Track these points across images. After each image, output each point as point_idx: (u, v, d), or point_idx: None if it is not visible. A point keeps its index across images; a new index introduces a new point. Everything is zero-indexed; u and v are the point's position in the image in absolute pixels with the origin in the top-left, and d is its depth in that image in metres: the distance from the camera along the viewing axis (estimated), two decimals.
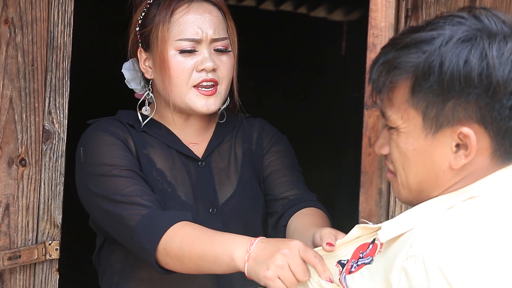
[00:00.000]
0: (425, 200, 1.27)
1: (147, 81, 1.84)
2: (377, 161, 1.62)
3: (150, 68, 1.79)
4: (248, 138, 1.90)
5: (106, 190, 1.68)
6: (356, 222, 1.55)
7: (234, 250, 1.46)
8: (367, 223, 1.38)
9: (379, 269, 1.22)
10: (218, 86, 1.75)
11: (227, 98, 1.81)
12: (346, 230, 1.42)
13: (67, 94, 1.92)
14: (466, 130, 1.20)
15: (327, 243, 1.39)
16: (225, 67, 1.75)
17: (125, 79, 1.88)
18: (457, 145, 1.22)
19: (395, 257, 1.18)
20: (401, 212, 1.70)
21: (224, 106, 1.82)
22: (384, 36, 1.59)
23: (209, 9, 1.75)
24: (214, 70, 1.73)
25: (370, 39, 1.59)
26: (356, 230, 1.36)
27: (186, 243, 1.54)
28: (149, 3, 1.80)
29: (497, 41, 1.18)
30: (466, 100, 1.18)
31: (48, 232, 1.91)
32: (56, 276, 1.92)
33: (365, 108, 1.58)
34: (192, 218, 1.62)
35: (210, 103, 1.74)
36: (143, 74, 1.83)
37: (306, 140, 4.80)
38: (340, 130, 4.86)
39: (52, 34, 1.89)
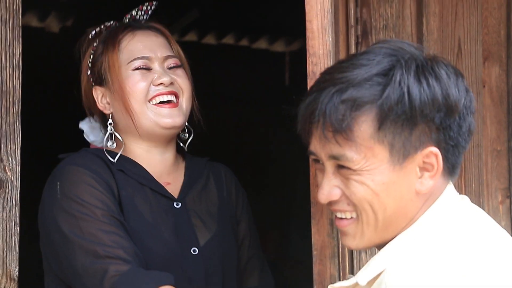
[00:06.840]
0: (390, 235, 1.25)
1: (105, 119, 1.81)
2: None
3: (108, 103, 1.79)
4: (220, 185, 1.88)
5: (85, 236, 1.59)
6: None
7: None
8: (341, 283, 1.33)
9: None
10: (179, 99, 1.75)
11: (188, 115, 1.80)
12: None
13: (19, 139, 1.84)
14: (434, 149, 1.22)
15: None
16: (182, 79, 1.78)
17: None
18: (420, 169, 1.23)
19: None
20: None
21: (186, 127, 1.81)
22: (323, 63, 1.60)
23: (154, 34, 1.81)
24: (172, 84, 1.75)
25: (309, 67, 1.60)
26: None
27: None
28: (95, 46, 1.82)
29: (440, 66, 1.23)
30: (432, 124, 1.21)
31: (4, 286, 1.82)
32: None
33: None
34: (174, 282, 1.57)
35: (174, 114, 1.73)
36: (102, 113, 1.81)
37: (254, 171, 4.80)
38: (289, 160, 4.88)
39: (0, 78, 1.83)
